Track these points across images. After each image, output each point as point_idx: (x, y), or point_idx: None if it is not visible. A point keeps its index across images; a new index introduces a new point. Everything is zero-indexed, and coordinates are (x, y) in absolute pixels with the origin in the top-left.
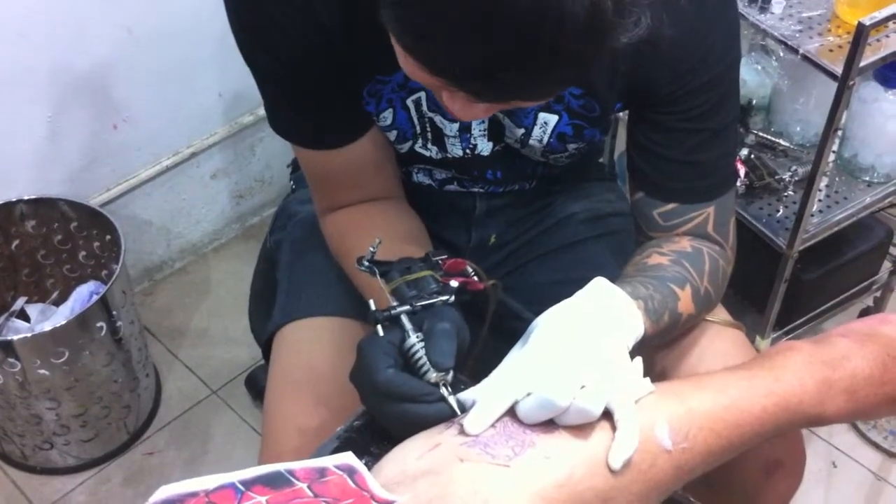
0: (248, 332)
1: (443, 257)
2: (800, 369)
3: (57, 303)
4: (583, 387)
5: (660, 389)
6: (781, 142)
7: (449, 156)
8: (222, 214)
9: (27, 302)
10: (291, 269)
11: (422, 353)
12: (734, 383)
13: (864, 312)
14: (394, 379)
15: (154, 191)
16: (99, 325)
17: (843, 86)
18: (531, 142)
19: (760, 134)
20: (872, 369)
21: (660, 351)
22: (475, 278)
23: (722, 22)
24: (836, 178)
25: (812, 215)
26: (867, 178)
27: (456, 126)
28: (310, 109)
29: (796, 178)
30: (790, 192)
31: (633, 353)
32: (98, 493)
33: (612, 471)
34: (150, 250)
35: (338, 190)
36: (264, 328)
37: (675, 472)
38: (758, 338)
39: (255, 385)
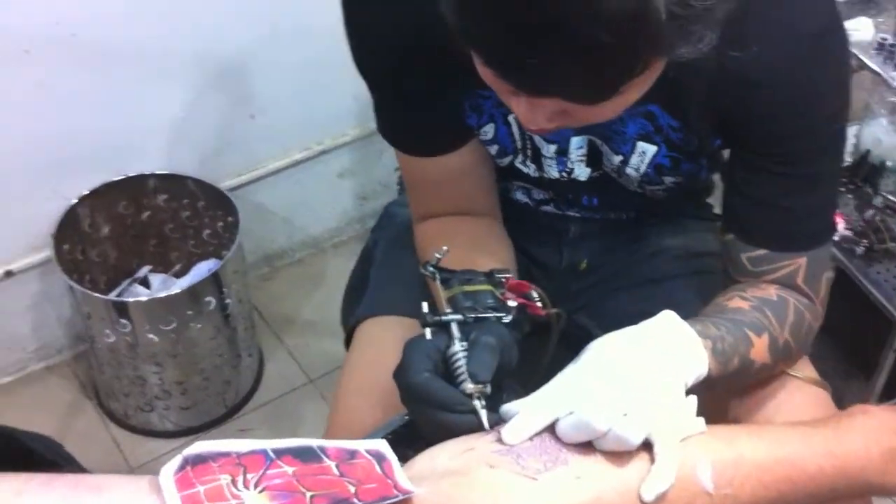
0: None
1: (507, 276)
2: (867, 434)
3: (178, 275)
4: (625, 414)
5: (711, 431)
6: (894, 198)
7: (546, 176)
8: (344, 213)
9: (151, 271)
10: (381, 267)
11: (462, 362)
12: (793, 437)
13: None
14: (429, 383)
15: (281, 182)
16: (208, 299)
17: None
18: (628, 170)
19: (889, 197)
20: None
21: (735, 398)
22: (538, 303)
23: (832, 67)
24: None
25: None
26: None
27: (553, 148)
28: (410, 114)
29: None
30: None
31: (693, 392)
32: None
33: (643, 502)
34: (272, 238)
35: (432, 198)
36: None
37: None
38: None
39: None
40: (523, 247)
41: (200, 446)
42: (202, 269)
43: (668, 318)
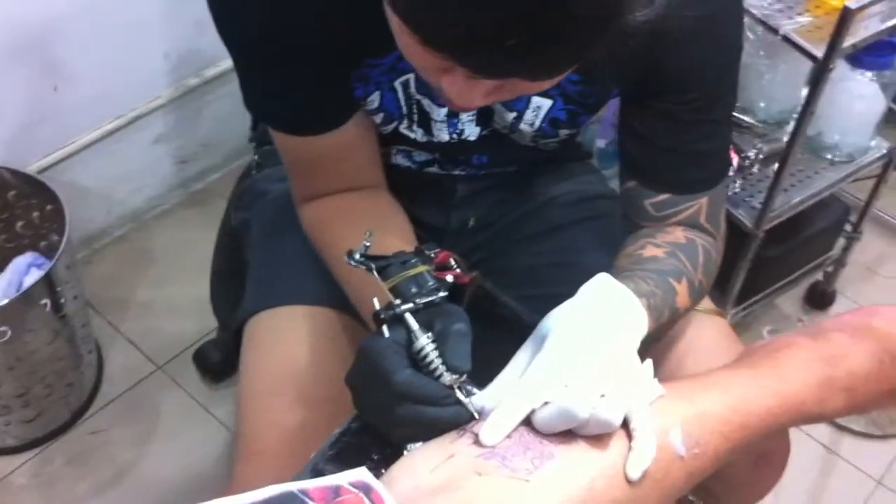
0: (194, 304)
1: (435, 251)
2: (802, 368)
3: None
4: (602, 395)
5: (670, 391)
6: (746, 118)
7: (434, 140)
8: (164, 180)
9: None
10: (264, 253)
11: (433, 355)
12: (741, 383)
13: (814, 287)
14: (413, 380)
15: (94, 156)
16: (43, 302)
17: (825, 68)
18: (521, 126)
19: (736, 115)
20: (870, 366)
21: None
22: (458, 271)
23: (734, 9)
24: (799, 156)
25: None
26: (830, 157)
27: (444, 111)
28: (292, 93)
29: (762, 156)
30: (755, 170)
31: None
32: (41, 475)
33: (629, 481)
34: (90, 218)
35: (319, 177)
36: (231, 312)
37: (687, 478)
38: None
39: (205, 361)
40: (408, 211)
41: None
42: (20, 265)
43: (604, 282)
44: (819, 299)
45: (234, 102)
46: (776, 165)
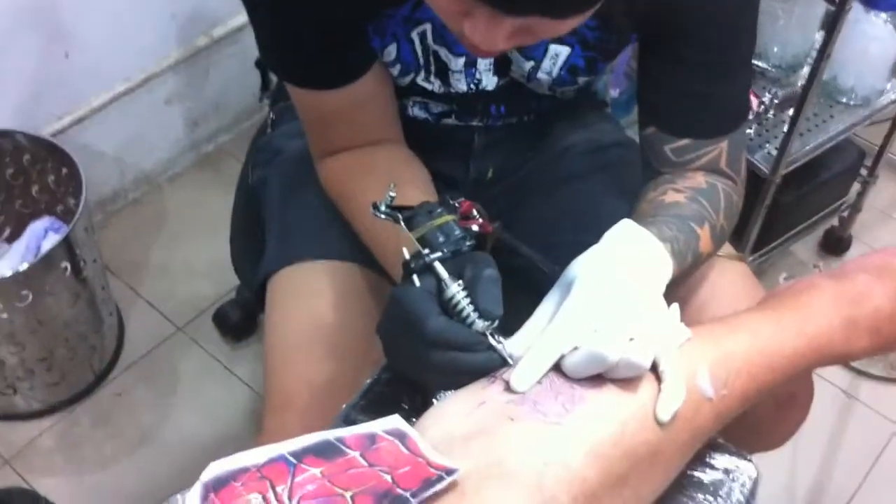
0: (211, 265)
1: (459, 200)
2: (826, 309)
3: (10, 239)
4: (631, 339)
5: (696, 335)
6: (761, 63)
7: (452, 91)
8: (177, 142)
9: None
10: (283, 210)
11: (465, 302)
12: (766, 325)
13: (830, 233)
14: (447, 326)
15: (106, 119)
16: (63, 265)
17: (841, 10)
18: (540, 75)
19: None
20: (893, 305)
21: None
22: (481, 220)
23: None
24: (815, 101)
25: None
26: (845, 100)
27: (461, 61)
28: (309, 47)
29: (777, 101)
30: (770, 116)
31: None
32: (67, 437)
33: (660, 423)
34: (103, 181)
35: (336, 132)
36: (253, 270)
37: (716, 418)
38: None
39: (225, 321)
40: (427, 164)
41: (215, 468)
42: (37, 230)
43: (628, 227)
44: (835, 245)
45: (244, 62)
46: (791, 111)
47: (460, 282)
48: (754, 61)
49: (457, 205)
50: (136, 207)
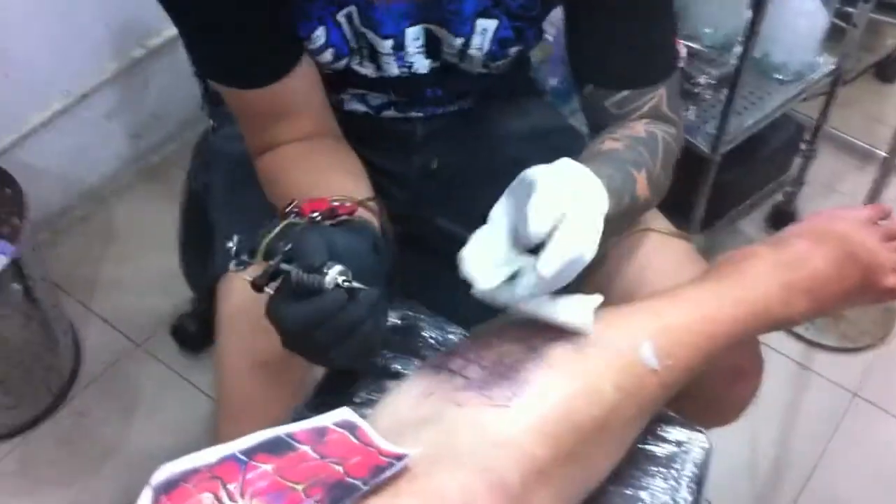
0: (164, 277)
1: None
2: (764, 275)
3: None
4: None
5: (638, 308)
6: (694, 45)
7: (386, 75)
8: (119, 156)
9: None
10: (228, 211)
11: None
12: (705, 294)
13: (776, 208)
14: (298, 305)
15: (47, 137)
16: (12, 287)
17: None
18: (471, 51)
19: (688, 44)
20: (830, 268)
21: (605, 262)
22: (335, 203)
23: None
24: (749, 79)
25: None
26: (779, 76)
27: (389, 43)
28: (233, 46)
29: (713, 81)
30: (707, 97)
31: None
32: (29, 460)
33: (542, 277)
34: (48, 199)
35: (270, 129)
36: (202, 276)
37: (661, 390)
38: None
39: (182, 333)
40: (369, 159)
41: (165, 471)
42: None
43: (566, 163)
44: (781, 220)
45: (182, 71)
46: (727, 90)
47: (294, 263)
48: (687, 43)
49: (294, 208)
50: (83, 223)
